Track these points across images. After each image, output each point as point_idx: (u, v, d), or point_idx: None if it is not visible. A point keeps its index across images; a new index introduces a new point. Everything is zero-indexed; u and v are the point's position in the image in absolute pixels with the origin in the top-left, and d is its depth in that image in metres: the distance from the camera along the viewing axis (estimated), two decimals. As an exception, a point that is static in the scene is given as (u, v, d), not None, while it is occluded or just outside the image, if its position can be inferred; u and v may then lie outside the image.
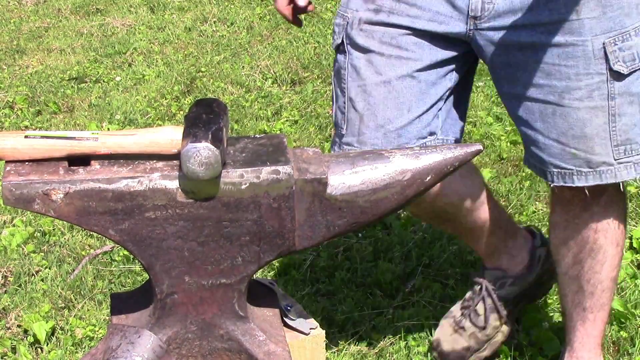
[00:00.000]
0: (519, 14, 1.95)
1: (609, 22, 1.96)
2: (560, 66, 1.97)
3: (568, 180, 2.07)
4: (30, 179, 1.25)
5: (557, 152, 2.05)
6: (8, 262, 3.12)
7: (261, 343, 1.35)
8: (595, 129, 2.02)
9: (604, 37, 1.96)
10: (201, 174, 1.23)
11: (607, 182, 2.07)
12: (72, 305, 2.91)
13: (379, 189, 1.33)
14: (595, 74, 1.97)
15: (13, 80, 4.76)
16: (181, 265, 1.30)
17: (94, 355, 1.35)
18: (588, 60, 1.96)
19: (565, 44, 1.95)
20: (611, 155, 2.05)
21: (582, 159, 2.04)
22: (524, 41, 1.97)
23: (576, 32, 1.94)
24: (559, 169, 2.07)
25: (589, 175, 2.06)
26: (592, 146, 2.03)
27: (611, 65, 1.97)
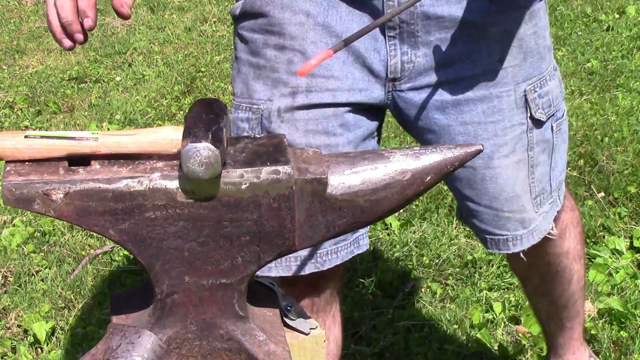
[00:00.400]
0: (440, 70, 1.77)
1: (529, 68, 1.84)
2: (486, 124, 1.81)
3: (503, 248, 1.94)
4: (30, 179, 1.25)
5: (489, 218, 1.90)
6: (8, 262, 3.12)
7: (261, 343, 1.35)
8: (521, 185, 1.89)
9: (525, 85, 1.83)
10: (201, 174, 1.23)
11: (538, 239, 1.96)
12: (72, 305, 2.91)
13: (379, 189, 1.33)
14: (518, 124, 1.84)
15: (13, 80, 4.76)
16: (181, 265, 1.30)
17: (94, 355, 1.35)
18: (512, 111, 1.83)
19: (490, 97, 1.80)
20: (533, 209, 1.93)
21: (517, 221, 1.92)
22: (447, 99, 1.80)
23: (500, 82, 1.80)
24: (492, 235, 1.93)
25: (524, 238, 1.94)
26: (523, 204, 1.90)
27: (532, 114, 1.85)
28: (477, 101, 1.80)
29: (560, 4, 5.38)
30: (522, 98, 1.83)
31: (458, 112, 1.80)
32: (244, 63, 1.82)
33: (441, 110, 1.81)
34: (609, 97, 4.17)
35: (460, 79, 1.78)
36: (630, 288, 2.89)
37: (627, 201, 3.35)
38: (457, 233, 3.23)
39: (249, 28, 1.80)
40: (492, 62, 1.78)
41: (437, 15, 1.73)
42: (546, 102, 1.88)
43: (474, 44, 1.76)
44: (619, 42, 4.79)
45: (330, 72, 1.75)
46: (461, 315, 2.83)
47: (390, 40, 1.75)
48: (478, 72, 1.78)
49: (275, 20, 1.75)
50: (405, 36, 1.74)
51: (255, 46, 1.79)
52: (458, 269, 3.05)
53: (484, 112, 1.81)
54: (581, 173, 3.54)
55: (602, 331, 2.70)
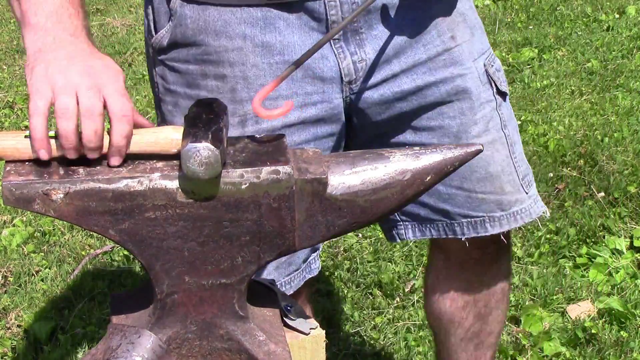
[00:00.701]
0: (394, 61, 1.71)
1: (479, 43, 1.79)
2: (452, 102, 1.75)
3: (481, 230, 1.84)
4: (30, 179, 1.25)
5: (463, 200, 1.82)
6: (8, 262, 3.12)
7: (261, 343, 1.35)
8: (500, 165, 1.81)
9: (482, 59, 1.79)
10: (201, 173, 1.23)
11: (524, 222, 1.87)
12: (72, 305, 2.91)
13: (379, 189, 1.33)
14: (486, 102, 1.79)
15: (13, 80, 4.76)
16: (181, 265, 1.30)
17: (94, 355, 1.35)
18: (478, 89, 1.77)
19: (452, 78, 1.74)
20: (522, 190, 1.85)
21: (492, 203, 1.83)
22: (407, 89, 1.73)
23: (458, 61, 1.75)
24: (468, 218, 1.84)
25: (503, 220, 1.85)
26: (501, 185, 1.82)
27: (498, 87, 1.81)
28: (438, 83, 1.74)
29: (560, 4, 5.38)
30: (484, 74, 1.78)
31: (420, 97, 1.75)
32: (182, 96, 1.72)
33: (403, 99, 1.75)
34: (609, 97, 4.17)
35: (417, 64, 1.73)
36: (630, 288, 2.89)
37: (627, 201, 3.35)
38: (457, 233, 3.23)
39: (181, 59, 1.70)
40: (445, 41, 1.73)
41: (377, 7, 1.68)
42: (502, 75, 1.84)
43: (422, 27, 1.72)
44: (619, 42, 4.79)
45: (278, 93, 1.65)
46: (461, 315, 2.83)
47: (336, 43, 1.69)
48: (433, 54, 1.73)
49: (211, 49, 1.67)
50: (349, 36, 1.69)
51: (193, 78, 1.70)
52: (458, 269, 3.05)
53: (448, 93, 1.75)
54: (581, 173, 3.54)
55: (602, 331, 2.70)
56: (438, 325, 2.07)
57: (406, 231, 1.91)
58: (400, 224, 1.91)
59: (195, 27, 1.66)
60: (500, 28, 5.11)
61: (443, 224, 1.87)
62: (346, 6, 1.65)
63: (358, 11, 1.57)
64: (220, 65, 1.68)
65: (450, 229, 1.86)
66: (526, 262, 3.08)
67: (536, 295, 2.91)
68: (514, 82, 4.43)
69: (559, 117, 3.99)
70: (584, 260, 3.07)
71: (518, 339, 2.71)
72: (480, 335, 2.04)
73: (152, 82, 1.80)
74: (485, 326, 2.03)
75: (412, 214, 1.88)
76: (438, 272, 2.03)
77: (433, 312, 2.07)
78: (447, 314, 2.03)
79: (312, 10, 1.65)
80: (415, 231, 1.90)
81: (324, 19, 1.65)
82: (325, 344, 1.48)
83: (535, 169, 3.56)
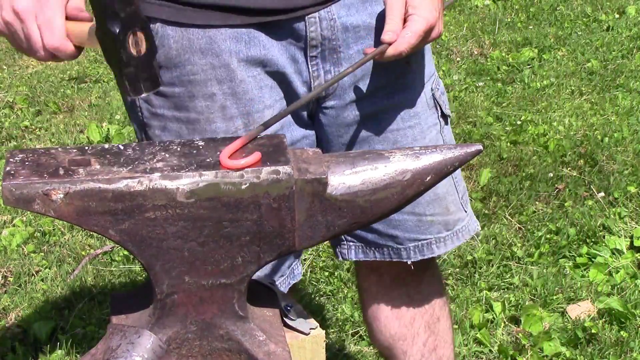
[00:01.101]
0: (360, 83, 1.74)
1: (428, 67, 1.82)
2: (405, 129, 1.79)
3: (427, 252, 1.87)
4: (30, 179, 1.25)
5: (413, 225, 1.84)
6: (8, 262, 3.12)
7: (261, 343, 1.35)
8: (445, 187, 1.84)
9: (430, 84, 1.82)
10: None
11: (465, 240, 1.91)
12: (72, 305, 2.91)
13: (379, 189, 1.33)
14: (433, 125, 1.82)
15: (13, 80, 4.75)
16: (181, 265, 1.30)
17: (93, 355, 1.35)
18: (426, 113, 1.80)
19: (405, 102, 1.77)
20: (462, 209, 1.90)
21: (440, 224, 1.86)
22: (367, 112, 1.76)
23: (412, 85, 1.78)
24: (416, 242, 1.86)
25: (447, 239, 1.88)
26: (447, 206, 1.86)
27: (443, 111, 1.84)
28: (394, 108, 1.77)
29: (560, 4, 5.38)
30: (431, 98, 1.81)
31: (377, 122, 1.77)
32: (170, 120, 1.71)
33: (361, 123, 1.77)
34: (609, 97, 4.17)
35: (377, 89, 1.75)
36: (630, 288, 2.89)
37: (627, 201, 3.35)
38: (457, 233, 3.23)
39: (166, 83, 1.67)
40: (402, 65, 1.75)
41: (353, 25, 1.70)
42: (446, 98, 1.87)
43: None
44: (619, 42, 4.79)
45: (264, 103, 1.68)
46: (461, 315, 2.83)
47: (312, 60, 1.70)
48: (392, 79, 1.75)
49: (198, 68, 1.66)
50: (327, 54, 1.71)
51: (180, 100, 1.69)
52: (458, 269, 3.05)
53: (402, 118, 1.78)
54: (581, 173, 3.54)
55: (602, 331, 2.70)
56: (393, 351, 2.04)
57: (349, 251, 1.92)
58: (344, 243, 1.92)
59: (179, 46, 1.65)
60: (500, 28, 5.11)
61: (389, 248, 1.88)
62: (325, 23, 1.68)
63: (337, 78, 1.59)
64: (209, 84, 1.67)
65: (396, 253, 1.88)
66: (526, 262, 3.08)
67: (536, 295, 2.90)
68: (514, 82, 4.43)
69: (559, 117, 3.99)
70: (584, 260, 3.07)
71: (518, 339, 2.71)
72: (437, 350, 2.03)
73: (132, 107, 1.77)
74: (438, 338, 2.02)
75: (358, 237, 1.89)
76: (375, 296, 2.01)
77: (383, 340, 2.04)
78: (399, 335, 2.01)
79: (292, 28, 1.67)
80: (359, 252, 1.91)
81: (303, 35, 1.67)
82: (325, 344, 1.48)
83: (535, 169, 3.56)
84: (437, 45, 4.86)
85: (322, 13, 1.67)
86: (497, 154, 3.70)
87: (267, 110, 1.69)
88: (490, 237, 3.19)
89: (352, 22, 1.70)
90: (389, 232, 1.86)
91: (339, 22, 1.69)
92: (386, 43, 1.61)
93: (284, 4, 1.64)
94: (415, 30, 1.61)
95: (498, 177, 3.54)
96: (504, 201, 3.40)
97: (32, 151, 1.32)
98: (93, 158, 1.30)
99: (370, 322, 2.04)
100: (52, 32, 1.45)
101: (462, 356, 2.69)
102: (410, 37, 1.61)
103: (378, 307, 2.01)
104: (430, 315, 2.00)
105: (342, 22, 1.69)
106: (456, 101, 4.20)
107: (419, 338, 2.01)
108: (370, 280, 2.00)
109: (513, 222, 3.29)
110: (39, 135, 4.15)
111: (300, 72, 1.71)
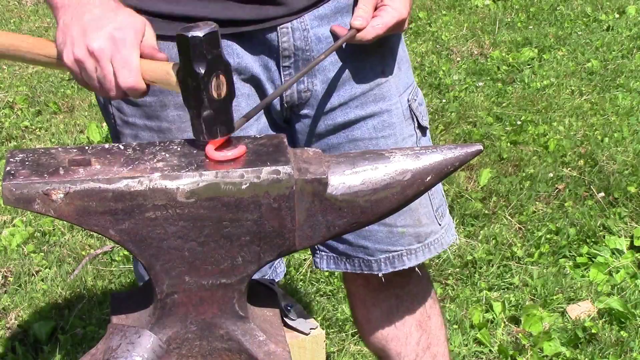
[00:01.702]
0: (334, 94, 1.74)
1: (405, 77, 1.81)
2: (377, 139, 1.78)
3: (398, 264, 1.86)
4: (31, 179, 1.25)
5: (383, 236, 1.83)
6: (8, 262, 3.12)
7: (261, 343, 1.35)
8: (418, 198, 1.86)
9: (406, 95, 1.81)
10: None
11: (437, 252, 1.89)
12: (72, 305, 2.91)
13: (379, 189, 1.33)
14: (408, 137, 1.81)
15: (13, 80, 4.75)
16: (181, 265, 1.30)
17: (93, 355, 1.35)
18: (402, 124, 1.80)
19: (380, 112, 1.77)
20: (436, 222, 1.88)
21: (411, 236, 1.85)
22: (339, 122, 1.76)
23: (387, 96, 1.77)
24: (387, 253, 1.85)
25: (419, 251, 1.87)
26: (418, 218, 1.84)
27: (420, 122, 1.83)
28: (367, 118, 1.76)
29: (560, 4, 5.37)
30: (407, 109, 1.81)
31: (349, 131, 1.77)
32: (142, 128, 1.70)
33: (333, 132, 1.77)
34: (609, 97, 4.17)
35: (351, 99, 1.75)
36: (630, 288, 2.89)
37: (627, 201, 3.35)
38: (457, 233, 3.23)
39: None
40: (377, 75, 1.75)
41: (326, 36, 1.70)
42: (424, 109, 1.86)
43: (359, 61, 1.74)
44: (619, 42, 4.79)
45: (240, 112, 1.64)
46: (461, 315, 2.83)
47: (285, 70, 1.70)
48: (366, 89, 1.75)
49: None
50: (300, 64, 1.70)
51: (152, 110, 1.68)
52: (458, 269, 3.05)
53: (375, 128, 1.77)
54: (581, 173, 3.54)
55: (602, 331, 2.69)
56: (387, 352, 2.04)
57: (321, 261, 1.92)
58: (317, 253, 1.91)
59: None
60: (500, 28, 5.11)
61: (360, 260, 1.87)
62: (298, 33, 1.68)
63: (310, 66, 1.59)
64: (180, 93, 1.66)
65: (366, 265, 1.87)
66: (526, 262, 3.08)
67: (536, 295, 2.90)
68: (514, 82, 4.43)
69: (559, 117, 3.99)
70: (584, 260, 3.07)
71: (518, 339, 2.71)
72: (431, 348, 2.02)
73: (106, 112, 1.77)
74: (431, 336, 2.02)
75: (330, 247, 1.89)
76: (364, 300, 2.01)
77: (377, 342, 2.04)
78: (391, 336, 2.01)
79: (265, 39, 1.67)
80: (330, 263, 1.91)
81: (275, 46, 1.67)
82: (325, 344, 1.48)
83: (535, 169, 3.56)
84: (437, 45, 4.86)
85: (295, 24, 1.67)
86: (497, 154, 3.70)
87: (245, 118, 1.68)
88: (490, 237, 3.19)
89: (325, 33, 1.70)
90: (359, 243, 1.84)
91: (312, 32, 1.69)
92: (355, 28, 1.62)
93: (255, 14, 1.63)
94: (386, 22, 1.63)
95: (498, 177, 3.54)
96: (504, 201, 3.40)
97: (32, 151, 1.32)
98: (93, 158, 1.30)
99: (362, 325, 2.04)
100: (128, 73, 1.40)
101: (462, 356, 2.69)
102: (379, 27, 1.63)
103: (368, 310, 2.01)
104: (421, 313, 2.00)
105: (315, 33, 1.69)
106: (456, 101, 4.20)
107: (411, 337, 2.00)
108: (358, 283, 1.99)
109: (513, 222, 3.29)
110: (39, 135, 4.15)
111: (273, 81, 1.71)
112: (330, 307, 2.86)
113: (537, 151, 3.70)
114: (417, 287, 1.99)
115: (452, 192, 3.43)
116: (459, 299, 2.90)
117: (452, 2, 5.48)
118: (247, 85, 1.69)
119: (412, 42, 4.95)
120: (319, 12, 1.69)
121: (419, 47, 4.85)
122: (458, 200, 3.40)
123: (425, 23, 5.21)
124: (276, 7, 1.64)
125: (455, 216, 3.32)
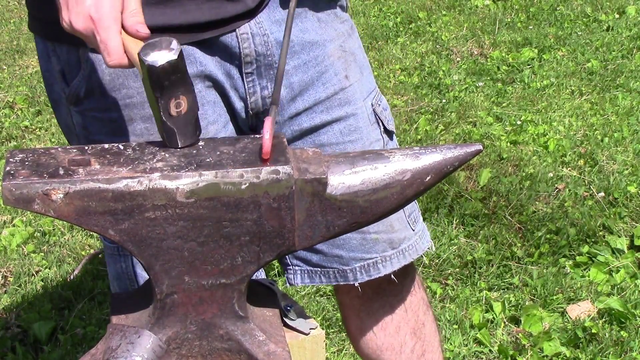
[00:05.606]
0: (298, 99, 1.73)
1: (367, 82, 1.81)
2: (344, 144, 1.77)
3: (374, 272, 1.84)
4: (30, 179, 1.25)
5: (357, 244, 1.81)
6: (8, 262, 3.12)
7: (261, 343, 1.35)
8: None
9: (370, 99, 1.80)
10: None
11: (412, 259, 1.87)
12: (72, 305, 2.91)
13: (379, 189, 1.33)
14: (375, 141, 1.80)
15: (13, 80, 4.75)
16: (181, 265, 1.30)
17: (93, 355, 1.35)
18: (368, 128, 1.79)
19: (346, 117, 1.76)
20: (409, 227, 1.87)
21: (385, 242, 1.83)
22: (305, 127, 1.75)
23: (351, 100, 1.76)
24: (362, 261, 1.83)
25: (393, 258, 1.85)
26: (391, 223, 1.82)
27: (386, 126, 1.82)
28: (333, 122, 1.75)
29: (560, 4, 5.38)
30: (372, 113, 1.80)
31: (315, 136, 1.76)
32: None
33: (299, 137, 1.76)
34: (609, 97, 4.17)
35: (316, 103, 1.74)
36: (631, 288, 2.89)
37: (627, 201, 3.35)
38: (457, 233, 3.23)
39: (101, 108, 1.64)
40: (340, 80, 1.74)
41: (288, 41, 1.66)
42: (389, 114, 1.85)
43: (322, 65, 1.73)
44: (619, 42, 4.79)
45: (207, 120, 1.65)
46: (461, 315, 2.83)
47: (248, 77, 1.69)
48: (330, 93, 1.74)
49: (133, 91, 1.62)
50: (263, 70, 1.69)
51: (117, 126, 1.65)
52: (458, 269, 3.05)
53: (341, 132, 1.76)
54: (581, 173, 3.54)
55: (602, 331, 2.70)
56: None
57: (295, 276, 1.89)
58: (290, 268, 1.89)
59: (111, 71, 1.62)
60: (500, 28, 5.11)
61: (335, 270, 1.85)
62: (258, 38, 1.66)
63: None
64: (146, 106, 1.62)
65: (341, 275, 1.85)
66: (526, 262, 3.08)
67: (536, 295, 2.91)
68: (514, 82, 4.43)
69: (559, 117, 3.99)
70: (584, 260, 3.07)
71: (518, 339, 2.71)
72: (426, 355, 2.01)
73: (68, 133, 1.74)
74: (426, 343, 2.01)
75: (304, 259, 1.86)
76: (358, 311, 1.99)
77: (371, 353, 2.02)
78: (385, 345, 2.00)
79: (225, 45, 1.65)
80: (304, 277, 1.88)
81: (237, 52, 1.66)
82: (325, 344, 1.48)
83: (535, 169, 3.56)
84: (437, 45, 4.86)
85: (255, 29, 1.66)
86: (497, 154, 3.70)
87: (211, 126, 1.67)
88: (490, 237, 3.19)
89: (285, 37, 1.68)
90: (333, 253, 1.82)
91: (272, 37, 1.67)
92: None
93: (214, 14, 1.61)
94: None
95: (498, 177, 3.54)
96: (504, 201, 3.40)
97: (32, 151, 1.32)
98: (93, 158, 1.30)
99: (355, 336, 2.02)
100: (108, 56, 1.37)
101: (462, 356, 2.69)
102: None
103: (361, 320, 1.99)
104: (415, 321, 1.99)
105: (276, 38, 1.67)
106: (456, 101, 4.20)
107: (406, 346, 1.99)
108: (351, 295, 1.97)
109: (513, 222, 3.29)
110: (39, 135, 4.15)
111: (236, 88, 1.70)
112: (330, 307, 2.86)
113: (537, 151, 3.71)
114: (411, 295, 1.98)
115: (452, 192, 3.43)
116: (459, 299, 2.90)
117: (452, 2, 5.48)
118: (213, 92, 1.68)
119: (412, 42, 4.95)
120: (275, 17, 1.67)
121: (419, 47, 4.85)
122: (458, 200, 3.40)
123: (425, 23, 5.21)
124: (234, 4, 1.62)
125: (455, 216, 3.32)
